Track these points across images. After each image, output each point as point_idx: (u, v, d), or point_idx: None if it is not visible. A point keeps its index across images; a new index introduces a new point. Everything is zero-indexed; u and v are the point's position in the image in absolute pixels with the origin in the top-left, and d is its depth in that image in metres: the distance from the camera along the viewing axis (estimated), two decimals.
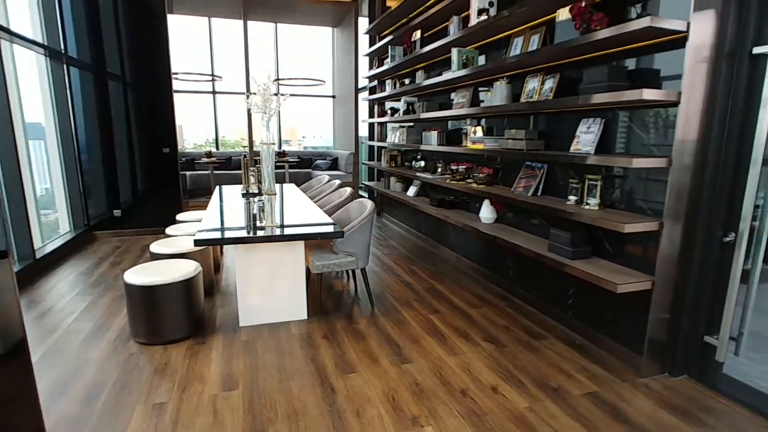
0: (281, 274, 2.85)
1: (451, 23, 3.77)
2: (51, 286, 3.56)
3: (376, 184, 6.18)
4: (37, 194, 4.76)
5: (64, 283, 3.64)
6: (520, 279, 3.39)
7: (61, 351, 2.51)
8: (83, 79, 4.94)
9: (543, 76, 2.86)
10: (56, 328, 2.81)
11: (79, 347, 2.55)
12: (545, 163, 3.01)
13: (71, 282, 3.67)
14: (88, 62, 4.93)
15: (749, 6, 1.97)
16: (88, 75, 4.98)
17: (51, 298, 3.31)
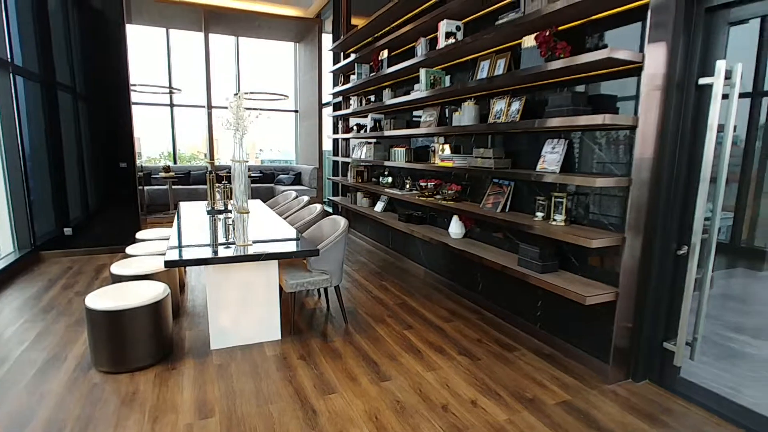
0: (254, 294, 2.79)
1: (419, 44, 3.88)
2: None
3: (342, 200, 6.19)
4: None
5: (9, 309, 3.37)
6: (489, 292, 3.49)
7: (14, 385, 2.32)
8: (30, 89, 4.65)
9: (509, 98, 3.01)
10: (5, 360, 2.60)
11: (34, 380, 2.37)
12: (512, 181, 3.14)
13: (18, 308, 3.40)
14: (35, 72, 4.66)
15: (695, 41, 2.18)
16: (36, 85, 4.70)
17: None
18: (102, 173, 5.08)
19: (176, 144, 8.67)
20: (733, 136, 2.12)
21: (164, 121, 8.47)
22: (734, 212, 2.30)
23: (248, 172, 7.54)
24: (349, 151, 6.38)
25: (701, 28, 2.17)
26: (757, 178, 2.21)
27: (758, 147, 2.16)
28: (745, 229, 2.36)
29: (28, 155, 4.64)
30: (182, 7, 6.93)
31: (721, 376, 2.31)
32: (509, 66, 3.03)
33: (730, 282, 2.52)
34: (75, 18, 4.89)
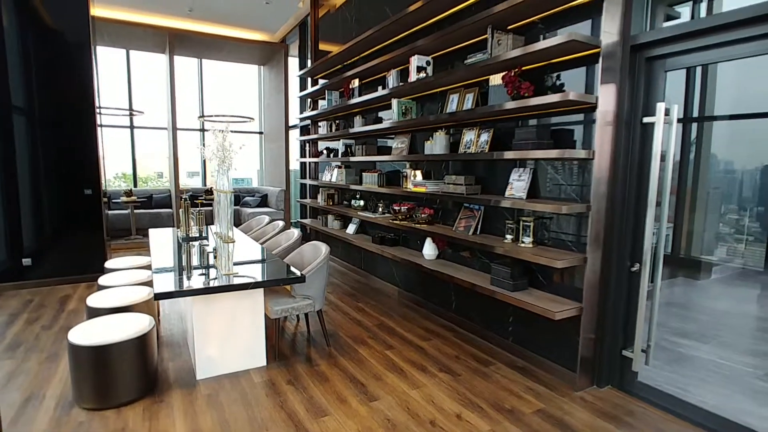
0: (240, 322, 2.84)
1: (390, 75, 4.10)
2: None
3: (312, 222, 6.26)
4: None
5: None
6: (463, 310, 3.69)
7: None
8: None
9: (479, 129, 3.26)
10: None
11: (12, 423, 2.30)
12: (483, 205, 3.38)
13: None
14: None
15: (639, 85, 2.51)
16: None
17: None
18: (65, 200, 4.90)
19: (136, 167, 8.44)
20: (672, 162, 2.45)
21: (121, 142, 8.24)
22: (673, 225, 2.64)
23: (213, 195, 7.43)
24: (318, 174, 6.49)
25: (643, 74, 2.50)
26: (692, 194, 2.56)
27: (690, 161, 2.51)
28: (683, 241, 2.70)
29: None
30: (146, 30, 6.86)
31: (672, 379, 2.60)
32: (477, 100, 3.29)
33: (673, 291, 2.85)
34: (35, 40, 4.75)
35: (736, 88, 2.42)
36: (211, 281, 2.67)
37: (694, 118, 2.52)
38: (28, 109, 4.73)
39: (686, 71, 2.47)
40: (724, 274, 2.58)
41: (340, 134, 5.18)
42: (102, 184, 5.02)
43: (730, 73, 2.39)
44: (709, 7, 2.40)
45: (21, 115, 4.70)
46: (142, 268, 3.86)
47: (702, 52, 2.27)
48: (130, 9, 6.48)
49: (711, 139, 2.53)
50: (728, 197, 2.51)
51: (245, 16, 6.87)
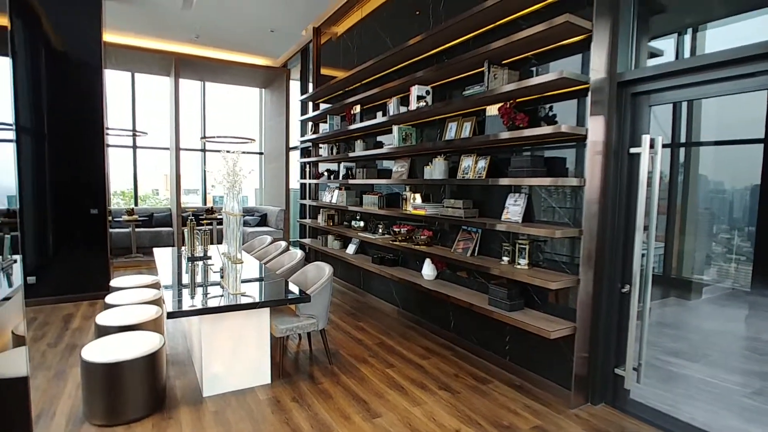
0: (246, 340, 2.93)
1: (391, 102, 4.30)
2: None
3: (312, 242, 6.38)
4: None
5: None
6: (461, 329, 3.79)
7: None
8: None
9: (476, 156, 3.43)
10: None
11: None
12: (480, 228, 3.52)
13: None
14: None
15: (625, 118, 2.70)
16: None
17: None
18: (71, 219, 5.00)
19: (138, 186, 8.56)
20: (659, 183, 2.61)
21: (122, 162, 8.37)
22: (664, 245, 2.78)
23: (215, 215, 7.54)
24: (318, 195, 6.64)
25: (629, 108, 2.69)
26: (681, 215, 2.71)
27: (679, 183, 2.67)
28: (674, 261, 2.84)
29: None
30: (154, 55, 7.08)
31: (663, 396, 2.70)
32: (474, 129, 3.47)
33: (665, 311, 2.98)
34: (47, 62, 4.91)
35: (720, 116, 2.60)
36: (220, 301, 2.77)
37: (680, 144, 2.70)
38: (37, 129, 4.86)
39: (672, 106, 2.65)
40: (714, 294, 2.71)
41: (340, 157, 5.35)
42: (108, 204, 5.12)
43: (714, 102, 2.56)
44: (693, 41, 2.60)
45: (29, 135, 4.83)
46: (149, 287, 3.95)
47: (684, 89, 2.46)
48: (139, 35, 6.72)
49: (698, 161, 2.69)
50: (718, 218, 2.64)
51: (249, 43, 7.13)
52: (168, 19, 6.23)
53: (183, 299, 2.81)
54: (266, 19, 6.23)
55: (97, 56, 5.03)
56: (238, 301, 2.76)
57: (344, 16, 5.77)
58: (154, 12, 6.02)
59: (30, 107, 4.83)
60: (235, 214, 2.95)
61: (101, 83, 5.06)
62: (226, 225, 3.05)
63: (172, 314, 2.50)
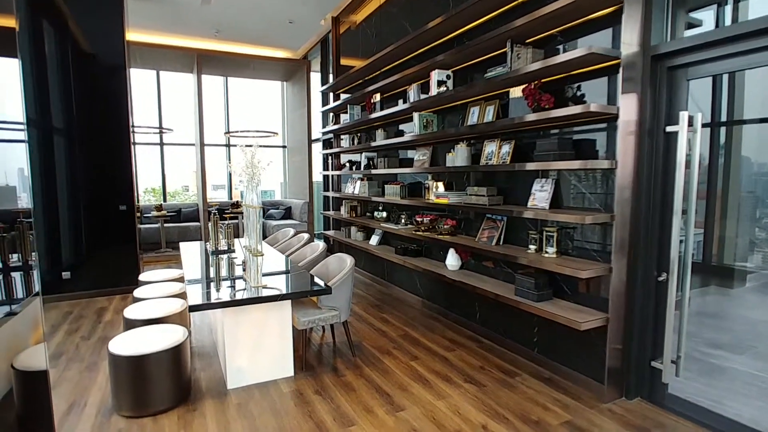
0: (269, 333, 2.92)
1: (411, 89, 4.19)
2: None
3: (335, 233, 6.36)
4: None
5: None
6: (487, 321, 3.69)
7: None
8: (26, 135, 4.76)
9: (500, 141, 3.30)
10: None
11: (59, 429, 2.42)
12: (505, 216, 3.39)
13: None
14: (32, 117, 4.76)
15: (661, 94, 2.51)
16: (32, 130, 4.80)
17: None
18: (101, 216, 5.14)
19: (166, 182, 8.75)
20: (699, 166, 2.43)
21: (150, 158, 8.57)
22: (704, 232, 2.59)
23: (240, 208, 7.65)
24: (341, 186, 6.61)
25: (665, 83, 2.50)
26: (722, 199, 2.52)
27: (720, 165, 2.47)
28: (715, 248, 2.65)
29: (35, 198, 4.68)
30: (176, 52, 7.17)
31: (705, 391, 2.54)
32: (498, 113, 3.33)
33: (705, 300, 2.80)
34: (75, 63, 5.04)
35: (765, 91, 2.38)
36: (241, 293, 2.76)
37: (721, 123, 2.49)
38: (68, 130, 5.00)
39: (712, 78, 2.45)
40: (759, 282, 2.52)
41: (362, 147, 5.28)
42: (135, 200, 5.24)
43: (759, 77, 2.35)
44: (735, 12, 2.39)
45: (61, 136, 4.98)
46: (175, 281, 4.01)
47: (725, 61, 2.26)
48: (160, 32, 6.81)
49: (741, 142, 2.49)
50: (763, 201, 2.45)
51: (269, 36, 7.11)
52: (188, 15, 6.28)
53: (205, 293, 2.82)
54: (284, 11, 6.19)
55: (121, 56, 5.11)
56: (259, 294, 2.75)
57: (363, 3, 5.66)
58: (174, 9, 6.08)
59: (61, 108, 4.97)
60: (255, 207, 2.93)
61: (126, 82, 5.15)
62: (246, 218, 3.04)
63: (193, 308, 2.51)
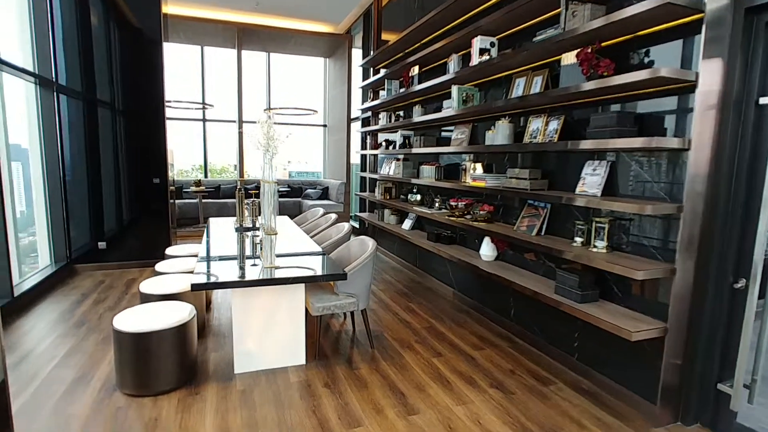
0: (280, 317, 2.73)
1: (451, 61, 3.80)
2: (30, 327, 3.35)
3: (369, 216, 6.12)
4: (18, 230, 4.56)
5: (44, 323, 3.43)
6: (522, 319, 3.32)
7: (43, 404, 2.32)
8: (72, 106, 4.83)
9: (547, 116, 2.88)
10: (35, 376, 2.62)
11: (60, 400, 2.37)
12: (549, 203, 2.99)
13: (52, 322, 3.46)
14: (78, 90, 4.83)
15: (755, 57, 2.01)
16: (78, 102, 4.87)
17: (30, 341, 3.10)
18: (136, 188, 5.20)
19: (207, 158, 8.85)
20: None
21: (196, 134, 8.68)
22: None
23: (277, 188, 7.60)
24: (377, 167, 6.34)
25: (762, 43, 2.00)
26: None
27: None
28: None
29: (69, 171, 4.79)
30: (217, 26, 7.11)
31: None
32: (546, 84, 2.90)
33: None
34: (116, 36, 5.08)
35: None
36: (250, 274, 2.58)
37: None
38: (109, 103, 5.06)
39: None
40: None
41: (399, 125, 4.96)
42: (168, 174, 5.23)
43: None
44: None
45: (104, 108, 5.04)
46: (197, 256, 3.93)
47: None
48: (200, 5, 6.73)
49: None
50: None
51: (310, 8, 6.87)
52: None
53: (212, 271, 2.66)
54: None
55: (158, 29, 5.06)
56: (269, 275, 2.55)
57: None
58: None
59: (106, 82, 5.03)
60: (269, 182, 2.72)
61: (161, 56, 5.10)
62: (262, 193, 2.84)
63: (195, 286, 2.35)
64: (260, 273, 2.60)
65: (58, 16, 4.61)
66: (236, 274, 2.60)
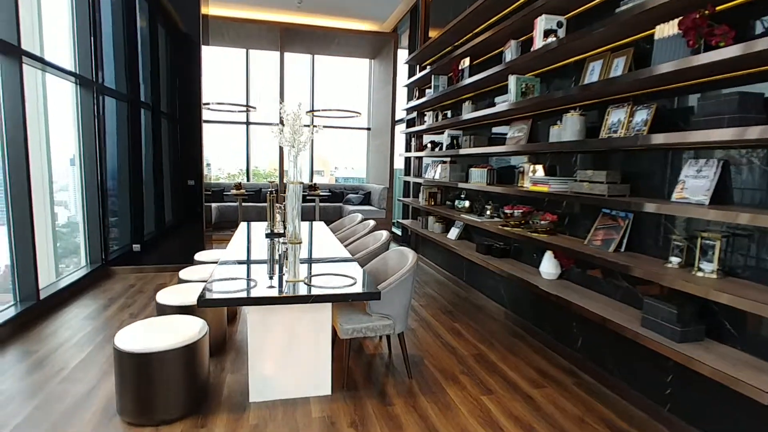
0: (303, 339, 2.35)
1: (508, 48, 3.32)
2: (50, 332, 3.18)
3: (411, 223, 5.69)
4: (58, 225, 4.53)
5: (64, 329, 3.26)
6: (592, 351, 2.76)
7: (37, 425, 2.07)
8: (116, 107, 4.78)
9: (631, 106, 2.33)
10: (41, 388, 2.39)
11: (57, 422, 2.10)
12: (631, 212, 2.43)
13: (74, 327, 3.28)
14: (123, 92, 4.78)
15: None
16: (122, 104, 4.82)
17: (47, 348, 2.92)
18: (172, 190, 5.08)
19: (250, 161, 8.78)
20: None
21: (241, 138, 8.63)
22: None
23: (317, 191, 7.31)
24: (422, 171, 5.91)
25: None
26: None
27: None
28: None
29: (108, 172, 4.72)
30: (260, 27, 6.99)
31: None
32: (630, 67, 2.36)
33: None
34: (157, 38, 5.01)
35: None
36: (265, 288, 2.22)
37: None
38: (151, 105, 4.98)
39: None
40: None
41: (447, 123, 4.50)
42: (203, 176, 5.07)
43: None
44: None
45: (145, 108, 4.97)
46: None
47: None
48: (243, 6, 6.61)
49: None
50: None
51: (354, 5, 6.58)
52: None
53: (227, 283, 2.33)
54: None
55: (196, 31, 4.93)
56: (290, 292, 2.18)
57: None
58: None
59: (148, 84, 4.96)
60: (294, 182, 2.37)
61: (199, 58, 4.97)
62: (285, 195, 2.48)
63: (203, 303, 2.01)
64: (279, 287, 2.23)
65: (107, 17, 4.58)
66: (257, 288, 2.25)
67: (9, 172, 3.24)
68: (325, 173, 10.43)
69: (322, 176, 10.28)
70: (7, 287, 3.44)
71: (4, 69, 3.18)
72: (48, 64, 3.69)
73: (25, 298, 3.39)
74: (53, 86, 4.31)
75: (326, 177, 10.38)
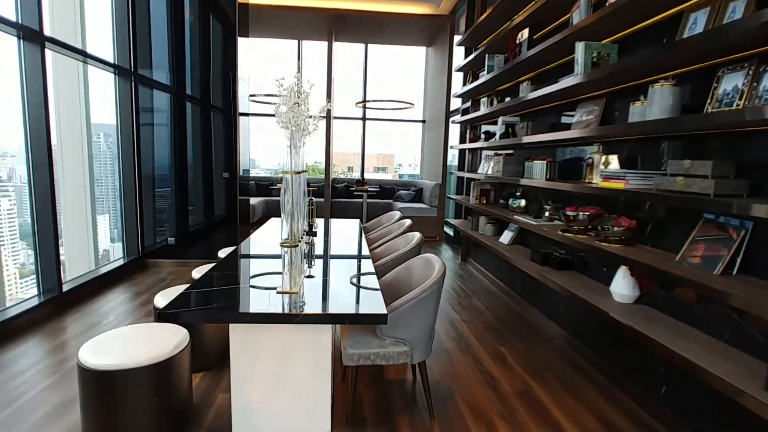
0: (297, 365, 1.92)
1: (575, 9, 2.66)
2: (63, 327, 3.06)
3: (461, 223, 5.10)
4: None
5: (77, 324, 3.14)
6: (678, 400, 2.06)
7: None
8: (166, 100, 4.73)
9: (755, 67, 1.62)
10: (20, 397, 2.19)
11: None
12: (748, 219, 1.72)
13: (86, 325, 3.14)
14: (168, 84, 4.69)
15: None
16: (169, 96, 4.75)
17: (51, 346, 2.77)
18: (210, 184, 4.93)
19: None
20: None
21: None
22: None
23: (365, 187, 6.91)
24: (476, 165, 5.29)
25: None
26: None
27: None
28: None
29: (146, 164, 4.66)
30: (309, 15, 6.71)
31: None
32: (755, 6, 1.65)
33: None
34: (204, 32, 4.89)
35: None
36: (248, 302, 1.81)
37: None
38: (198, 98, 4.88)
39: None
40: None
41: (503, 106, 3.86)
42: (238, 170, 4.86)
43: None
44: None
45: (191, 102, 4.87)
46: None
47: None
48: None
49: None
50: None
51: None
52: None
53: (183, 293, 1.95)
54: None
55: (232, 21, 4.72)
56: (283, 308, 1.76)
57: None
58: None
59: (198, 77, 4.87)
60: (290, 172, 1.94)
61: (235, 48, 4.75)
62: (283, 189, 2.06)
63: (163, 315, 1.64)
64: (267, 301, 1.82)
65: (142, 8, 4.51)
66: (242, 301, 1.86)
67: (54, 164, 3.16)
68: (389, 170, 10.07)
69: (386, 172, 9.96)
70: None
71: (27, 55, 3.09)
72: (92, 57, 3.64)
73: (48, 289, 3.32)
74: (96, 81, 4.30)
75: (390, 173, 10.02)
